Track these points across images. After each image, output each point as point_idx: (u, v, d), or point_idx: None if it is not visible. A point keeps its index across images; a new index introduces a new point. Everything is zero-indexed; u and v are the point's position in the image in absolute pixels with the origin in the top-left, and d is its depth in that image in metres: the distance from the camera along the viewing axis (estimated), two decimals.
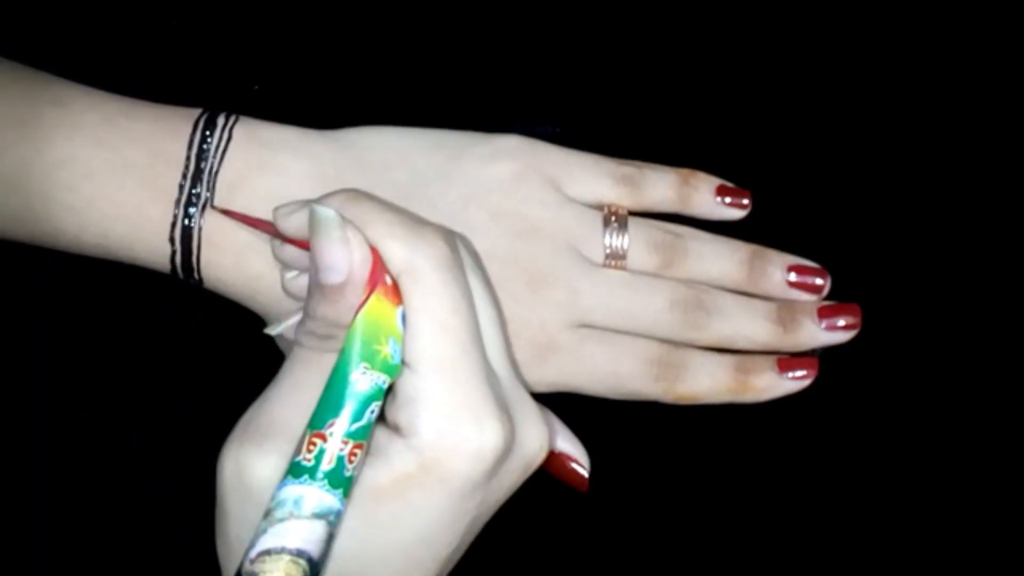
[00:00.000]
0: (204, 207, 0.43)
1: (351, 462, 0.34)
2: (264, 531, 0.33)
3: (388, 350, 0.34)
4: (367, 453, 0.34)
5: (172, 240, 0.42)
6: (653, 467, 0.49)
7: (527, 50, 0.51)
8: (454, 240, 0.36)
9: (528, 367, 0.44)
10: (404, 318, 0.35)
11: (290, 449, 0.34)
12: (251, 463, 0.34)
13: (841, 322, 0.46)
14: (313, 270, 0.35)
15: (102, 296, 0.49)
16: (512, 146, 0.45)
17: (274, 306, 0.43)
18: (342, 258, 0.34)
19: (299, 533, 0.33)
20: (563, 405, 0.45)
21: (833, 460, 0.49)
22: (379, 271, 0.35)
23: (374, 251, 0.35)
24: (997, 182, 0.50)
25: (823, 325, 0.46)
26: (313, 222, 0.35)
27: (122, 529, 0.49)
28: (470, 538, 0.37)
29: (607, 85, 0.51)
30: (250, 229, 0.42)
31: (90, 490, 0.49)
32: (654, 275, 0.45)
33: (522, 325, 0.43)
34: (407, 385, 0.35)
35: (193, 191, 0.42)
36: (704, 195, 0.47)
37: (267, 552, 0.33)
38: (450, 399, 0.34)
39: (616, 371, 0.44)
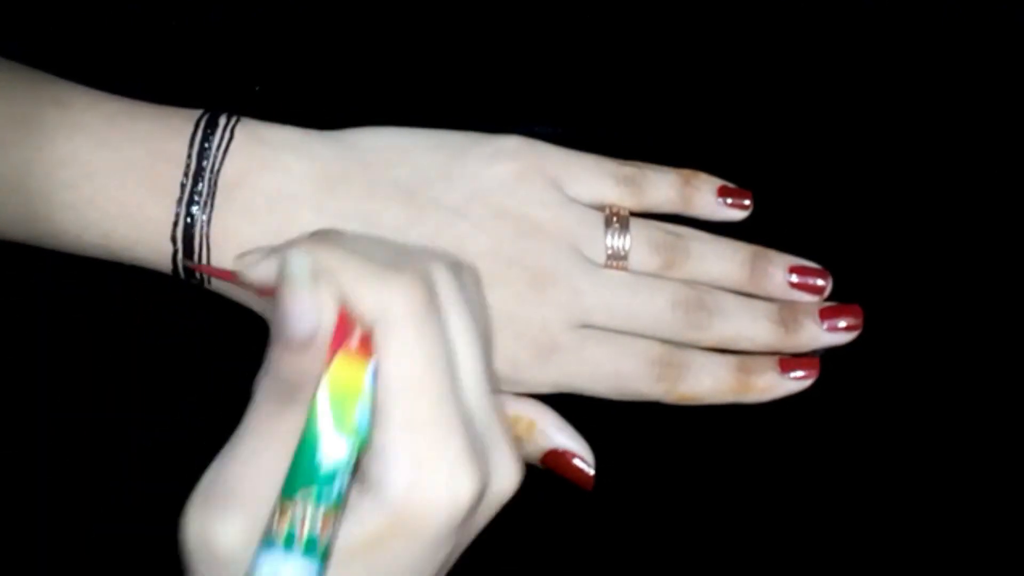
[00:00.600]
0: (206, 206, 0.43)
1: (324, 530, 0.33)
2: None
3: (356, 413, 0.33)
4: (340, 518, 0.33)
5: (174, 239, 0.42)
6: (654, 469, 0.49)
7: (527, 50, 0.51)
8: (431, 278, 0.34)
9: (530, 367, 0.44)
10: (376, 372, 0.34)
11: (255, 511, 0.33)
12: (216, 529, 0.33)
13: (842, 323, 0.46)
14: (278, 322, 0.33)
15: (102, 296, 0.49)
16: (513, 146, 0.45)
17: None
18: (310, 312, 0.32)
19: None
20: (564, 406, 0.45)
21: (834, 460, 0.49)
22: (345, 326, 0.33)
23: (341, 307, 0.33)
24: (997, 182, 0.50)
25: (824, 326, 0.46)
26: (283, 273, 0.33)
27: (122, 529, 0.48)
28: (445, 571, 0.36)
29: (607, 85, 0.51)
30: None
31: (90, 490, 0.49)
32: (655, 276, 0.45)
33: (524, 325, 0.43)
34: (378, 437, 0.33)
35: (195, 190, 0.42)
36: (705, 196, 0.47)
37: None
38: (421, 452, 0.33)
39: (618, 371, 0.44)
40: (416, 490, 0.33)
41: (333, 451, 0.33)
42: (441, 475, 0.33)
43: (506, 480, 0.35)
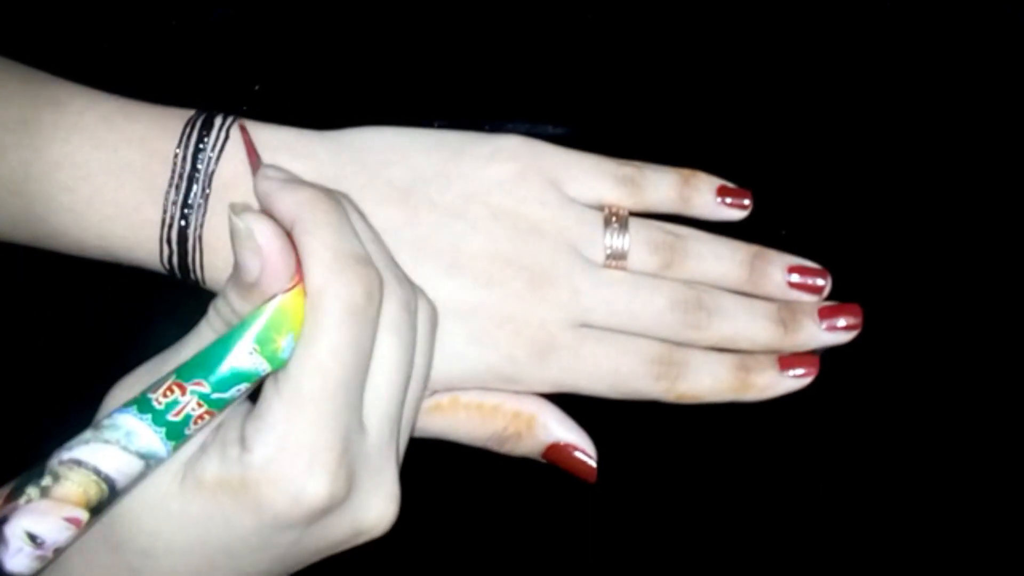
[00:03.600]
0: (200, 207, 0.42)
1: (196, 424, 0.34)
2: (87, 441, 0.34)
3: (283, 343, 0.35)
4: (213, 421, 0.35)
5: (169, 241, 0.42)
6: (653, 468, 0.49)
7: (527, 51, 0.51)
8: (377, 292, 0.36)
9: (528, 366, 0.44)
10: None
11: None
12: (115, 388, 0.37)
13: (842, 322, 0.46)
14: (234, 267, 0.36)
15: (101, 296, 0.49)
16: (512, 146, 0.45)
17: None
18: (253, 264, 0.35)
19: (118, 463, 0.33)
20: (563, 406, 0.45)
21: (833, 460, 0.49)
22: None
23: None
24: (997, 182, 0.50)
25: (824, 325, 0.46)
26: (231, 227, 0.35)
27: None
28: (283, 569, 0.37)
29: (607, 86, 0.51)
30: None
31: None
32: (655, 276, 0.45)
33: (523, 324, 0.43)
34: (266, 400, 0.35)
35: (190, 191, 0.42)
36: (705, 195, 0.46)
37: (79, 462, 0.33)
38: (292, 434, 0.34)
39: (617, 370, 0.44)
40: (271, 467, 0.34)
41: (243, 362, 0.35)
42: (299, 466, 0.34)
43: (374, 511, 0.37)
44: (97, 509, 0.33)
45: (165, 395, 0.34)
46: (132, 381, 0.37)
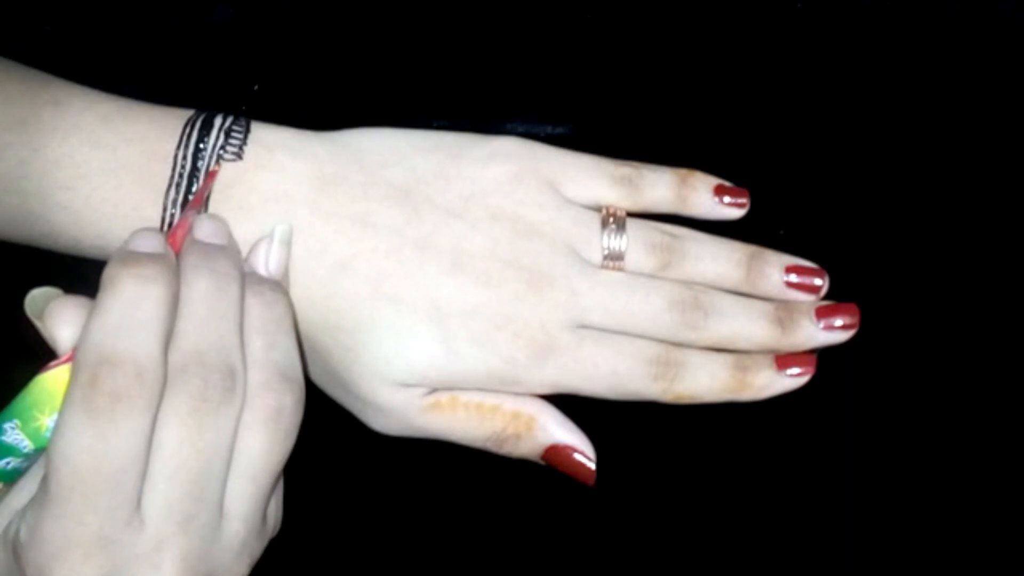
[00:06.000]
0: (199, 208, 0.43)
1: None
2: None
3: (47, 422, 0.35)
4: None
5: None
6: (652, 469, 0.49)
7: (527, 51, 0.51)
8: (130, 393, 0.35)
9: (528, 367, 0.44)
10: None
11: None
12: None
13: (839, 322, 0.46)
14: None
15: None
16: (510, 148, 0.45)
17: None
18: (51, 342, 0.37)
19: None
20: (561, 407, 0.45)
21: (831, 459, 0.49)
22: None
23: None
24: (997, 182, 0.50)
25: (821, 325, 0.46)
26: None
27: None
28: None
29: (606, 86, 0.51)
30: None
31: None
32: (652, 276, 0.46)
33: (523, 325, 0.43)
34: (30, 481, 0.36)
35: (190, 190, 0.43)
36: (702, 195, 0.47)
37: None
38: (41, 523, 0.35)
39: (615, 371, 0.44)
40: (28, 550, 0.35)
41: (6, 435, 0.35)
42: (43, 555, 0.35)
43: None
44: None
45: None
46: None
